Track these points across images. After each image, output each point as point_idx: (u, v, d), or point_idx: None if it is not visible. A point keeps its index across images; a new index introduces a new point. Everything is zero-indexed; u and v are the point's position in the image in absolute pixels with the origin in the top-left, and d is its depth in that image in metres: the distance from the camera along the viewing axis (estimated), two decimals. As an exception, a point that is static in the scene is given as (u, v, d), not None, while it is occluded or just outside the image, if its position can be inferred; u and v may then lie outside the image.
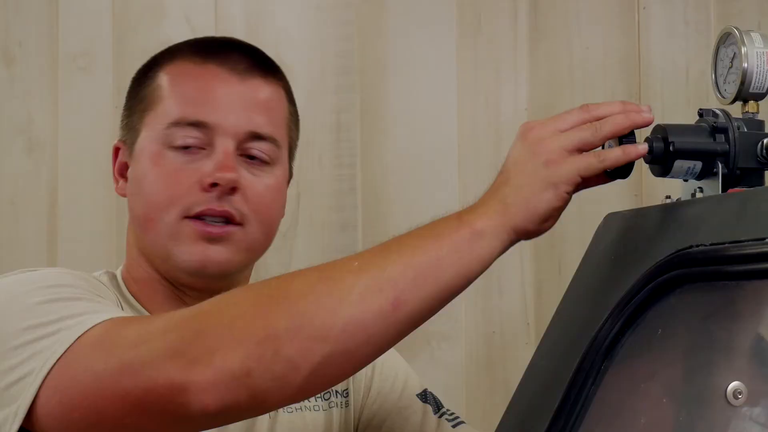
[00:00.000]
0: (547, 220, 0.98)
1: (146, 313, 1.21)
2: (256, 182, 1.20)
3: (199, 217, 1.17)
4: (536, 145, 0.98)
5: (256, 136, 1.20)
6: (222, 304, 0.95)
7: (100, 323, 0.96)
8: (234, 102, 1.20)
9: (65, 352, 0.94)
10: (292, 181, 1.75)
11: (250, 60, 1.23)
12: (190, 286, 1.20)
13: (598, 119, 1.00)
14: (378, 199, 1.91)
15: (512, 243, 0.98)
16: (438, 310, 0.95)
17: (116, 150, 1.26)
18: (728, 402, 1.03)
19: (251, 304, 0.93)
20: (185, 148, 1.18)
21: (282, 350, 0.88)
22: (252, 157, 1.20)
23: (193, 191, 1.17)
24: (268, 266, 1.90)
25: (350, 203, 1.91)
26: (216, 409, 0.88)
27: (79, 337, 0.94)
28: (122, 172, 1.25)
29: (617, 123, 1.00)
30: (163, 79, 1.22)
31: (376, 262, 0.93)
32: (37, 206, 1.89)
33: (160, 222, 1.17)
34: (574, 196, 1.02)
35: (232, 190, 1.17)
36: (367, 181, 1.92)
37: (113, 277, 1.25)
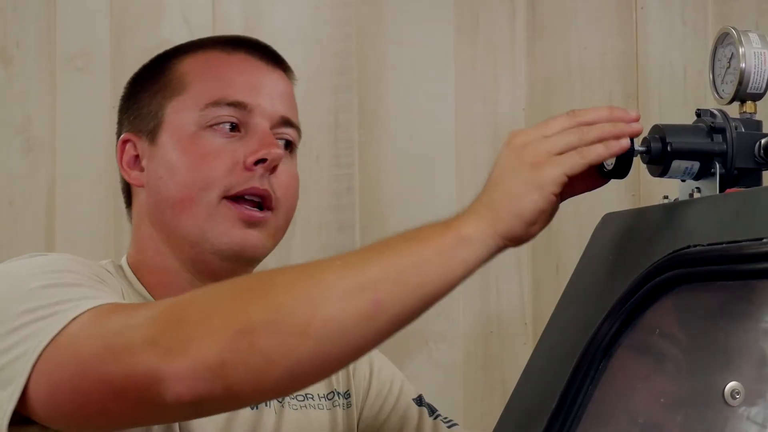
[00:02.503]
0: (534, 223, 0.97)
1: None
2: (287, 168, 1.22)
3: (236, 199, 1.17)
4: (521, 150, 0.98)
5: (287, 122, 1.23)
6: (202, 296, 0.95)
7: (92, 308, 0.96)
8: (268, 86, 1.23)
9: (56, 335, 0.94)
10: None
11: (273, 54, 1.27)
12: (214, 274, 1.19)
13: (586, 125, 0.99)
14: (376, 199, 1.91)
15: (500, 249, 0.96)
16: (420, 314, 0.94)
17: (124, 143, 1.25)
18: (726, 402, 1.03)
19: (231, 297, 0.93)
20: (221, 129, 1.19)
21: (258, 343, 0.88)
22: (283, 144, 1.22)
23: (234, 171, 1.17)
24: (266, 265, 1.90)
25: (348, 203, 1.91)
26: (189, 400, 0.88)
27: (72, 320, 0.95)
28: (132, 164, 1.24)
29: (604, 130, 0.99)
30: (189, 66, 1.24)
31: (359, 263, 0.93)
32: (35, 206, 1.89)
33: (199, 203, 1.17)
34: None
35: (275, 168, 1.19)
36: (365, 181, 1.92)
37: (119, 267, 1.25)
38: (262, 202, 1.19)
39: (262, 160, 1.17)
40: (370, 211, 1.91)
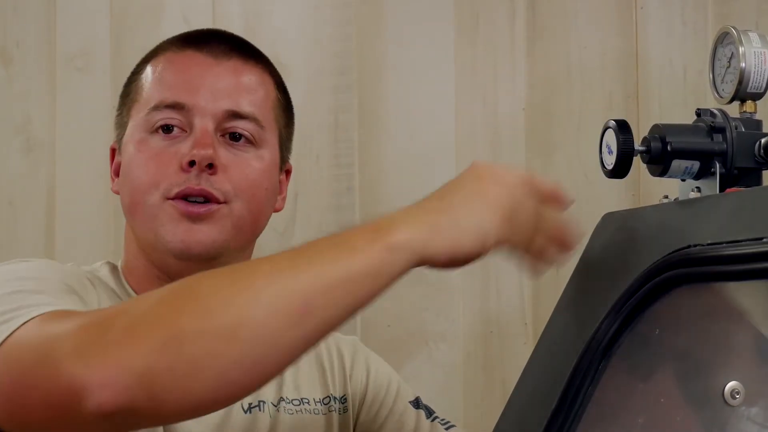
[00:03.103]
0: (461, 264, 0.94)
1: None
2: (239, 161, 1.20)
3: (180, 198, 1.17)
4: (484, 170, 0.97)
5: (236, 115, 1.21)
6: (133, 302, 0.94)
7: (41, 314, 0.95)
8: (211, 83, 1.21)
9: (3, 341, 0.93)
10: (290, 181, 1.73)
11: (229, 44, 1.25)
12: (181, 275, 1.19)
13: (541, 194, 0.98)
14: (376, 199, 1.91)
15: (416, 266, 0.93)
16: (349, 320, 0.92)
17: (112, 151, 1.28)
18: (726, 402, 1.03)
19: (157, 303, 0.90)
20: (167, 132, 1.20)
21: (185, 349, 0.85)
22: (235, 138, 1.21)
23: (174, 173, 1.18)
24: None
25: (348, 203, 1.91)
26: (112, 409, 0.85)
27: (20, 326, 0.94)
28: (117, 171, 1.26)
29: (556, 234, 0.98)
30: (147, 71, 1.25)
31: (288, 268, 0.91)
32: (35, 206, 1.89)
33: (144, 205, 1.19)
34: (574, 195, 1.02)
35: (211, 168, 1.18)
36: (364, 181, 1.92)
37: (114, 268, 1.25)
38: (207, 197, 1.18)
39: (194, 162, 1.17)
40: (370, 212, 1.91)
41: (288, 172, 1.33)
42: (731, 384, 1.03)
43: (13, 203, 1.89)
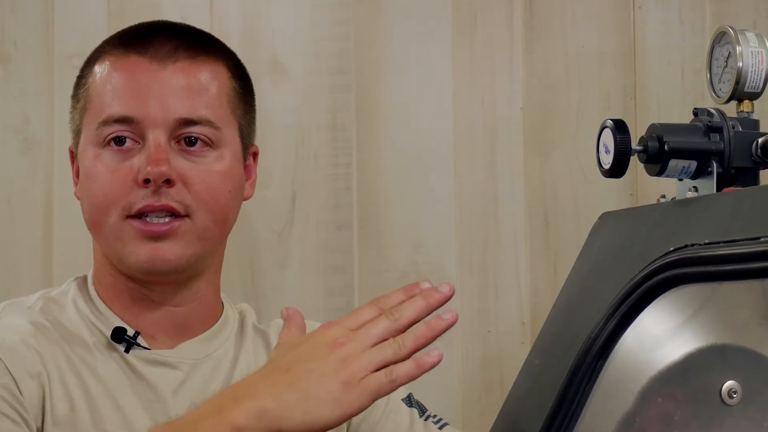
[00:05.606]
0: (326, 427, 0.94)
1: (114, 317, 1.20)
2: (198, 170, 1.17)
3: (140, 215, 1.15)
4: (341, 363, 0.96)
5: (188, 122, 1.17)
6: None
7: None
8: (157, 91, 1.17)
9: None
10: (287, 181, 1.74)
11: (174, 42, 1.20)
12: (150, 283, 1.19)
13: (404, 326, 0.98)
14: (374, 199, 1.91)
15: None
16: None
17: (71, 153, 1.25)
18: (723, 401, 1.03)
19: None
20: (120, 144, 1.17)
21: None
22: (191, 143, 1.18)
23: (131, 189, 1.15)
24: (263, 266, 1.91)
25: (346, 202, 1.91)
26: None
27: None
28: (77, 175, 1.23)
29: (419, 337, 0.99)
30: (94, 76, 1.21)
31: None
32: (32, 206, 1.89)
33: (105, 225, 1.17)
34: (572, 194, 1.02)
35: (168, 182, 1.15)
36: (362, 181, 1.92)
37: (83, 281, 1.25)
38: (170, 211, 1.16)
39: (149, 180, 1.15)
40: (367, 211, 1.91)
41: (255, 155, 1.29)
42: (729, 383, 1.03)
43: (11, 202, 1.89)
